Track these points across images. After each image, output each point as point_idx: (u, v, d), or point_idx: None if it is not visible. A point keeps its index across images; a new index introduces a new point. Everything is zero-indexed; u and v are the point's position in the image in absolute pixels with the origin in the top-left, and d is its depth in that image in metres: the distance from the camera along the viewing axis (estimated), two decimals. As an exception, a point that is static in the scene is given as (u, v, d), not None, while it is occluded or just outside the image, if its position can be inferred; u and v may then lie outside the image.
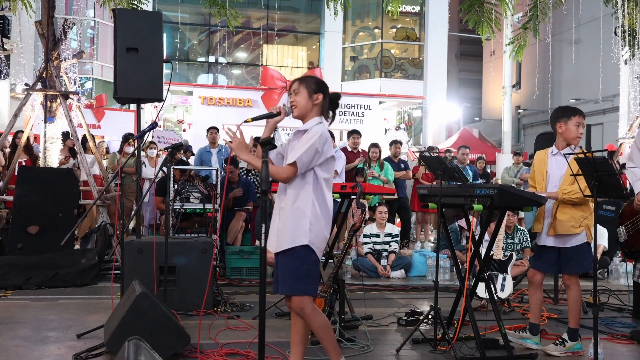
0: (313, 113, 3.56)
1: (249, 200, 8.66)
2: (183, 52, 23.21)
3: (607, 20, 13.47)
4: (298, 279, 3.38)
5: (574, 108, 4.71)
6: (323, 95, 3.57)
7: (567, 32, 18.34)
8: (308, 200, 3.41)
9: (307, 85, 3.58)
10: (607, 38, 13.35)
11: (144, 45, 5.83)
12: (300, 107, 3.56)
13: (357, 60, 23.70)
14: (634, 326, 5.46)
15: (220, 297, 6.01)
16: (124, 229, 5.73)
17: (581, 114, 4.65)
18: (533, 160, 4.95)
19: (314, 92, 3.56)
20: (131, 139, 9.07)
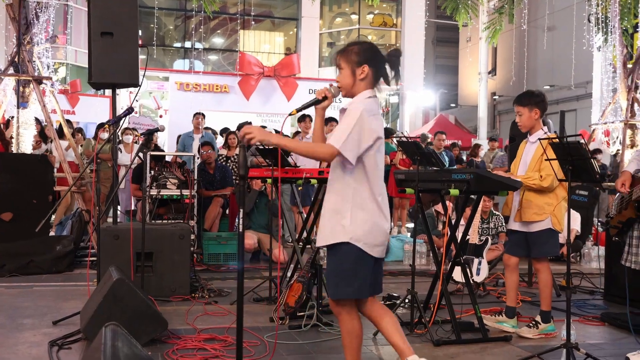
0: (362, 88, 3.06)
1: (226, 186, 8.65)
2: (159, 38, 22.96)
3: (581, 7, 13.60)
4: (337, 281, 3.01)
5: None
6: (370, 65, 3.04)
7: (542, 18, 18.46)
8: (347, 191, 2.99)
9: (348, 59, 3.07)
10: (581, 25, 13.47)
11: (119, 30, 5.74)
12: (344, 87, 3.10)
13: (334, 46, 23.65)
14: (605, 308, 5.57)
15: (198, 283, 6.01)
16: (100, 216, 5.69)
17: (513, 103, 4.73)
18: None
19: (357, 64, 3.04)
20: (106, 125, 8.98)
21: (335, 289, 3.01)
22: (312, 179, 5.21)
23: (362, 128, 2.90)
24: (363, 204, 2.98)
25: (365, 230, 2.96)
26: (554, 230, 4.52)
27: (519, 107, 4.65)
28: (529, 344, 4.43)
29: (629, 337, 4.43)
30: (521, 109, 4.63)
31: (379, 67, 3.06)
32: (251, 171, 5.91)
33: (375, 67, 3.05)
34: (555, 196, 4.52)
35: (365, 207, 2.98)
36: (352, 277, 2.97)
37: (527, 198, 4.56)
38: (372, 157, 2.99)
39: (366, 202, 2.98)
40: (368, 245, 2.97)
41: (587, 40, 12.87)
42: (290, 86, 16.97)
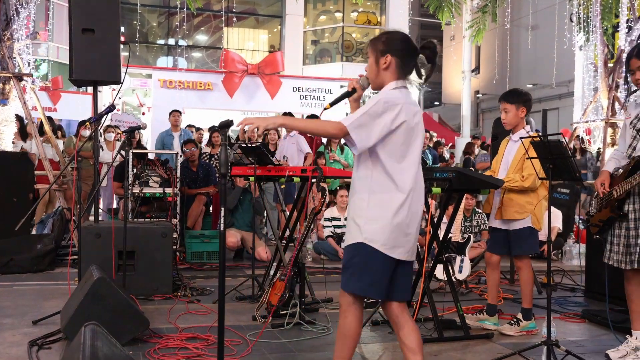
0: (387, 79, 2.90)
1: (210, 184, 8.62)
2: (142, 34, 22.78)
3: (563, 7, 13.71)
4: (348, 274, 2.88)
5: None
6: (394, 55, 2.87)
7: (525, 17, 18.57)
8: (364, 190, 2.84)
9: (374, 48, 2.92)
10: (563, 24, 13.59)
11: (101, 26, 5.71)
12: (369, 77, 2.96)
13: (318, 44, 23.63)
14: (586, 305, 5.63)
15: (181, 282, 5.98)
16: (81, 214, 5.64)
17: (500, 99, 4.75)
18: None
19: (381, 53, 2.89)
20: (87, 122, 8.91)
21: (346, 281, 2.89)
22: (295, 177, 5.21)
23: (375, 115, 2.73)
24: (382, 200, 2.80)
25: (383, 230, 2.79)
26: (534, 228, 4.55)
27: (505, 104, 4.66)
28: (511, 341, 4.45)
29: (609, 334, 4.47)
30: (508, 106, 4.64)
31: (406, 58, 2.89)
32: (234, 169, 5.89)
33: (401, 57, 2.87)
34: (536, 195, 4.55)
35: (384, 204, 2.80)
36: (362, 273, 2.83)
37: (508, 196, 4.59)
38: (392, 149, 2.79)
39: (386, 199, 2.80)
40: (386, 246, 2.79)
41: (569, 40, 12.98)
42: (274, 84, 16.95)
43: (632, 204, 3.84)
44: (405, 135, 2.80)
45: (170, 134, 9.94)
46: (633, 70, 3.89)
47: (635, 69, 3.85)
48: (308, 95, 17.71)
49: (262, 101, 17.06)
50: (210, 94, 16.97)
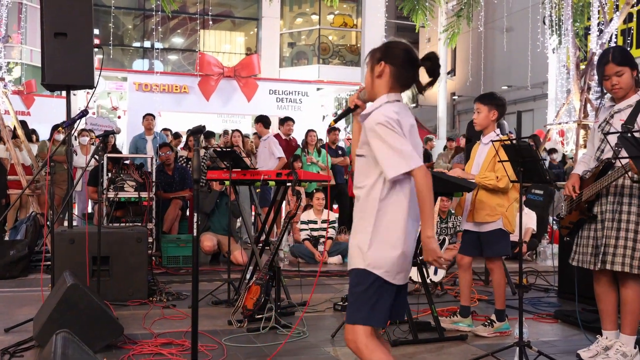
0: (381, 90, 2.68)
1: (185, 188, 8.58)
2: (117, 37, 22.61)
3: (536, 10, 13.88)
4: (354, 305, 2.61)
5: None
6: (390, 63, 2.65)
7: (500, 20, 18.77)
8: (372, 211, 2.59)
9: (372, 56, 2.72)
10: (536, 27, 13.76)
11: (74, 30, 5.66)
12: (366, 88, 2.75)
13: (294, 46, 23.64)
14: (559, 305, 5.70)
15: (156, 287, 5.95)
16: (55, 219, 5.58)
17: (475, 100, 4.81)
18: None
19: (376, 61, 2.68)
20: (60, 127, 8.83)
21: (349, 313, 2.64)
22: (270, 180, 5.21)
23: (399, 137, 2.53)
24: (389, 225, 2.59)
25: (388, 257, 2.57)
26: (505, 230, 4.61)
27: (479, 105, 4.71)
28: (484, 343, 4.50)
29: (581, 334, 4.53)
30: (481, 106, 4.69)
31: (403, 69, 2.66)
32: (209, 173, 5.87)
33: (397, 66, 2.65)
34: (507, 197, 4.60)
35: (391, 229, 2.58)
36: (365, 302, 2.59)
37: (479, 199, 4.63)
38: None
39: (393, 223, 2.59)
40: (390, 273, 2.58)
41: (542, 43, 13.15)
42: (251, 87, 16.91)
43: (601, 205, 3.90)
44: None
45: (144, 137, 9.88)
46: (608, 76, 3.90)
47: (612, 74, 3.86)
48: (285, 98, 17.69)
49: (239, 104, 17.01)
50: (186, 97, 16.88)
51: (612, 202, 3.82)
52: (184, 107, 16.79)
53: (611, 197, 3.83)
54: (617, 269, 3.77)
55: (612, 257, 3.78)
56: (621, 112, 3.87)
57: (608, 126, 3.89)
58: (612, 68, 3.84)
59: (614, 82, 3.86)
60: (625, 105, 3.87)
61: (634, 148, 3.27)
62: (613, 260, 3.78)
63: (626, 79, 3.83)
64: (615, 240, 3.77)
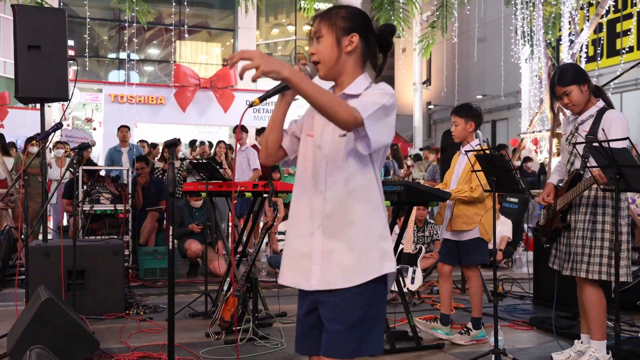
0: (350, 66, 2.19)
1: (162, 199, 8.53)
2: (92, 48, 22.48)
3: (509, 21, 14.09)
4: (363, 333, 2.08)
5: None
6: (362, 37, 2.17)
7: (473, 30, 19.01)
8: (369, 204, 2.13)
9: (331, 23, 2.16)
10: (509, 37, 13.96)
11: (47, 43, 5.61)
12: (324, 61, 2.18)
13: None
14: (534, 312, 5.77)
15: (133, 299, 5.91)
16: (29, 233, 5.52)
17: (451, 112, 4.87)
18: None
19: (344, 31, 2.16)
20: (34, 140, 8.74)
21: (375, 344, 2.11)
22: (247, 192, 5.22)
23: (389, 111, 2.08)
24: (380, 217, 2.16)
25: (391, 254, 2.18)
26: (483, 239, 4.67)
27: (456, 118, 4.78)
28: (461, 351, 4.54)
29: (555, 340, 4.59)
30: (458, 119, 4.77)
31: (371, 44, 2.21)
32: (185, 185, 5.86)
33: (366, 40, 2.20)
34: (483, 206, 4.67)
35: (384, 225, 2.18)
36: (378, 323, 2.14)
37: (458, 208, 4.70)
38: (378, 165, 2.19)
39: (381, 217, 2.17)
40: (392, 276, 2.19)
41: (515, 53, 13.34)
42: (227, 98, 16.91)
43: (573, 214, 3.99)
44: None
45: (119, 149, 9.83)
46: (559, 96, 4.04)
47: (561, 94, 4.01)
48: (261, 109, 17.70)
49: (215, 115, 17.00)
50: (162, 108, 16.84)
51: (585, 212, 3.91)
52: (160, 119, 16.75)
53: (584, 208, 3.93)
54: (581, 275, 3.87)
55: (579, 264, 3.88)
56: (584, 122, 4.00)
57: (575, 138, 4.00)
58: (559, 89, 4.02)
59: (565, 101, 4.04)
60: (587, 116, 4.01)
61: (601, 157, 3.34)
62: (579, 268, 3.88)
63: (575, 97, 3.97)
64: (589, 249, 3.86)
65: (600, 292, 3.91)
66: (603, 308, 3.91)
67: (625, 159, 3.25)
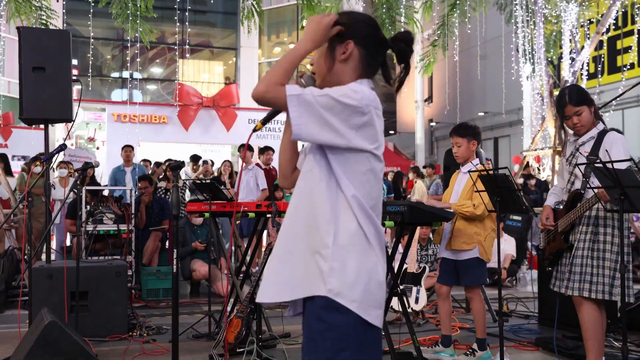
0: (346, 76, 2.04)
1: (165, 219, 8.53)
2: (96, 68, 22.60)
3: (509, 38, 14.16)
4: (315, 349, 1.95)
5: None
6: (358, 43, 2.03)
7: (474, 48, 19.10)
8: (325, 214, 1.91)
9: (326, 29, 2.03)
10: (510, 54, 14.02)
11: (52, 65, 5.65)
12: (319, 72, 2.09)
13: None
14: (539, 332, 5.73)
15: (136, 321, 5.89)
16: (33, 254, 5.52)
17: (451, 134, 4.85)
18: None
19: (338, 39, 2.03)
20: (38, 161, 8.76)
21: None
22: (250, 212, 5.21)
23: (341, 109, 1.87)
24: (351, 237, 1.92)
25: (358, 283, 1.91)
26: (482, 259, 4.65)
27: (457, 138, 4.78)
28: (466, 371, 4.50)
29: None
30: (460, 140, 4.77)
31: (373, 51, 2.05)
32: (189, 205, 5.86)
33: (367, 48, 2.04)
34: (483, 226, 4.65)
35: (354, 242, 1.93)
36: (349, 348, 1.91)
37: (457, 227, 4.68)
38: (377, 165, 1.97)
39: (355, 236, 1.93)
40: (363, 307, 1.90)
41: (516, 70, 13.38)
42: (230, 116, 16.97)
43: (575, 233, 3.98)
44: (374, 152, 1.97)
45: (123, 169, 9.85)
46: (569, 116, 4.02)
47: (572, 114, 3.99)
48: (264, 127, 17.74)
49: (218, 134, 17.05)
50: (165, 127, 16.89)
51: (587, 232, 3.90)
52: (163, 138, 16.79)
53: (586, 227, 3.91)
54: (583, 294, 3.84)
55: (579, 283, 3.86)
56: (585, 144, 4.00)
57: (575, 159, 4.00)
58: (571, 109, 3.98)
59: (575, 121, 4.01)
60: (588, 138, 4.00)
61: (604, 177, 3.34)
62: (578, 287, 3.86)
63: (585, 117, 3.96)
64: (590, 268, 3.84)
65: (598, 312, 3.89)
66: (600, 328, 3.89)
67: (629, 179, 3.25)
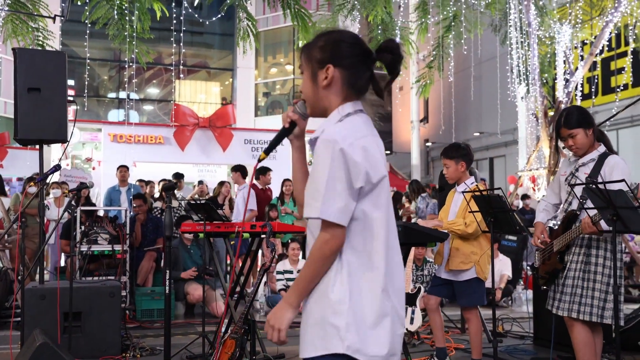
0: (331, 100, 2.02)
1: (159, 237, 8.50)
2: (92, 88, 22.68)
3: (504, 59, 14.27)
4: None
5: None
6: (337, 65, 1.99)
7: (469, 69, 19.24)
8: (338, 273, 1.93)
9: (309, 57, 2.03)
10: (505, 75, 14.13)
11: (47, 86, 5.67)
12: (307, 99, 2.08)
13: (269, 95, 23.90)
14: (534, 353, 5.70)
15: (129, 341, 5.85)
16: (26, 274, 5.50)
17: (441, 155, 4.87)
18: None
19: (319, 65, 2.01)
20: (32, 181, 8.76)
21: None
22: (245, 233, 5.20)
23: (342, 171, 1.88)
24: (362, 287, 1.92)
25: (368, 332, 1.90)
26: (480, 279, 4.65)
27: (446, 160, 4.82)
28: (461, 393, 4.48)
29: (556, 382, 4.55)
30: (448, 161, 4.80)
31: (356, 70, 2.01)
32: (183, 225, 5.85)
33: (349, 69, 2.00)
34: (479, 245, 4.66)
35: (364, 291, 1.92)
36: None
37: (454, 246, 4.69)
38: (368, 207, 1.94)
39: (368, 284, 1.93)
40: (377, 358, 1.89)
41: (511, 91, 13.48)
42: (226, 136, 17.00)
43: (570, 254, 3.98)
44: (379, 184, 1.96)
45: (118, 189, 9.85)
46: (564, 137, 4.04)
47: (566, 136, 4.01)
48: (260, 148, 17.75)
49: (214, 154, 17.07)
50: (161, 147, 16.91)
51: (579, 253, 3.90)
52: (159, 158, 16.80)
53: (579, 249, 3.92)
54: (572, 315, 3.84)
55: (571, 304, 3.85)
56: (585, 165, 4.01)
57: (574, 179, 4.01)
58: (565, 131, 4.01)
59: (570, 143, 4.03)
60: (588, 160, 4.01)
61: (599, 199, 3.35)
62: (570, 308, 3.86)
63: (580, 140, 3.97)
64: (581, 289, 3.84)
65: (589, 332, 3.88)
66: (591, 349, 3.88)
67: (622, 200, 3.26)
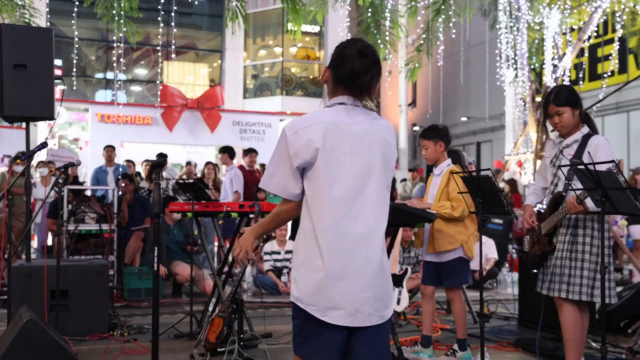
0: (329, 95, 2.48)
1: (146, 217, 8.48)
2: (80, 68, 22.43)
3: (493, 44, 14.28)
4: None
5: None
6: (330, 65, 2.43)
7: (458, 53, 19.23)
8: (299, 235, 2.37)
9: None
10: (493, 60, 14.15)
11: (34, 62, 5.61)
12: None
13: (258, 78, 23.78)
14: (519, 333, 5.77)
15: (117, 320, 5.86)
16: (13, 252, 5.47)
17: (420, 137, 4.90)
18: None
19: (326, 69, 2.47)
20: (19, 160, 8.69)
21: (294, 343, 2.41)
22: (233, 212, 5.21)
23: (282, 151, 2.33)
24: (308, 250, 2.31)
25: (310, 287, 2.29)
26: (465, 259, 4.67)
27: (424, 141, 4.82)
28: (447, 372, 4.53)
29: (540, 362, 4.61)
30: (427, 142, 4.81)
31: (339, 67, 2.40)
32: (171, 205, 5.85)
33: (335, 68, 2.41)
34: (464, 226, 4.68)
35: (310, 254, 2.30)
36: (299, 337, 2.36)
37: (437, 228, 4.69)
38: (311, 181, 2.32)
39: (311, 247, 2.30)
40: (317, 308, 2.26)
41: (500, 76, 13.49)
42: (214, 118, 16.94)
43: (558, 235, 4.01)
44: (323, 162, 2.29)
45: (104, 169, 9.82)
46: (551, 115, 4.04)
47: (553, 113, 4.01)
48: (248, 129, 17.74)
49: (202, 135, 17.02)
50: (149, 128, 16.83)
51: (566, 234, 3.93)
52: (147, 138, 16.73)
53: (566, 229, 3.95)
54: (561, 295, 3.88)
55: (559, 284, 3.89)
56: (569, 147, 4.02)
57: (559, 161, 4.03)
58: (553, 108, 4.00)
59: (556, 120, 4.02)
60: (572, 141, 4.02)
61: (587, 180, 3.38)
62: (558, 288, 3.89)
63: (567, 119, 3.97)
64: (569, 269, 3.87)
65: (578, 312, 3.93)
66: (580, 329, 3.93)
67: (611, 181, 3.28)
